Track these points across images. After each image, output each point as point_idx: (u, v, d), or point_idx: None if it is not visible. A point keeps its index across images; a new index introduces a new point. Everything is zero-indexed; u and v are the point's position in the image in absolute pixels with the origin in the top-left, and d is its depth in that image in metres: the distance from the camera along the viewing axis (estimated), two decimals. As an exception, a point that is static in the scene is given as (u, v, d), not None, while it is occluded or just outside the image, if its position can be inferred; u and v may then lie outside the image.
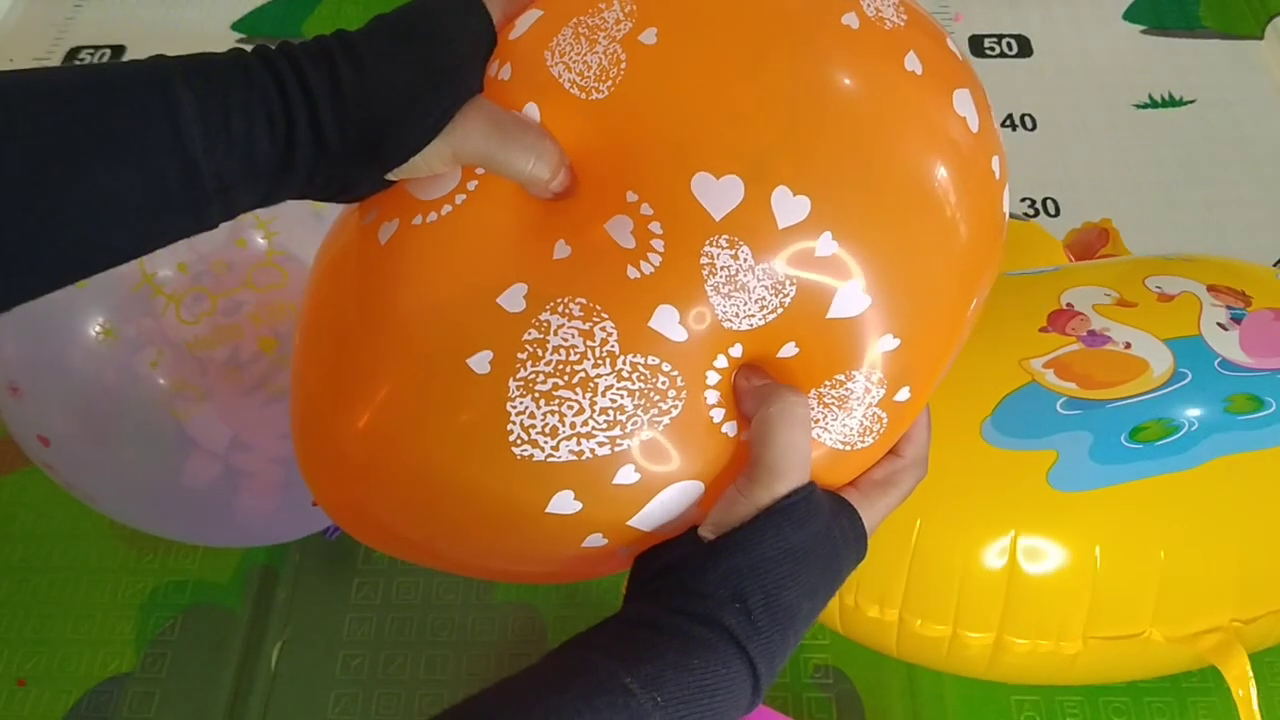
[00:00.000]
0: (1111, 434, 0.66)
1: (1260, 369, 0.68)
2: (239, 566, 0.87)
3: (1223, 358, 0.69)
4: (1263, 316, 0.71)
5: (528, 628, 0.82)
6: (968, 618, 0.67)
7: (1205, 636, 0.66)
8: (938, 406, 0.67)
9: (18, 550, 0.89)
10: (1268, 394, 0.67)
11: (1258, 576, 0.66)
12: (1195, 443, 0.66)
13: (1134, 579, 0.65)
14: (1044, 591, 0.65)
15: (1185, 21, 1.31)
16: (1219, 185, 1.13)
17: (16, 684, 0.81)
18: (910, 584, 0.67)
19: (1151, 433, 0.66)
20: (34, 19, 1.38)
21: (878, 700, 0.78)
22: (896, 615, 0.68)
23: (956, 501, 0.66)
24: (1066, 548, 0.65)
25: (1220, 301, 0.72)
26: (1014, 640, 0.67)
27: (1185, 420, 0.66)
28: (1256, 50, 1.27)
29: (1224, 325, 0.70)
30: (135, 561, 0.88)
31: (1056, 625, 0.66)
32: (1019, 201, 1.12)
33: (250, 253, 0.71)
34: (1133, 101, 1.22)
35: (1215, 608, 0.66)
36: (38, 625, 0.84)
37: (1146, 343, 0.69)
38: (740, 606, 0.42)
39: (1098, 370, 0.68)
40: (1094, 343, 0.70)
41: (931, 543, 0.66)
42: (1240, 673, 0.65)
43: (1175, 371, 0.68)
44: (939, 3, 1.35)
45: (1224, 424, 0.66)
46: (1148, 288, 0.74)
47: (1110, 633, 0.66)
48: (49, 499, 0.92)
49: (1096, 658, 0.68)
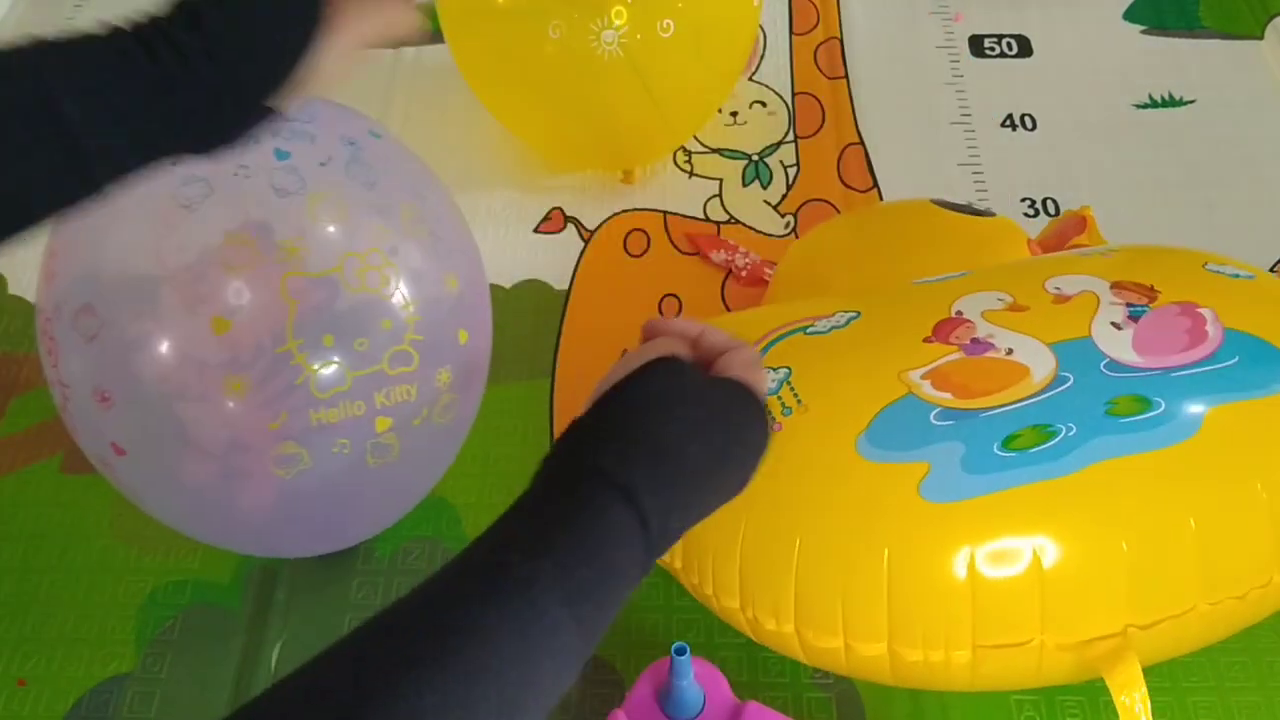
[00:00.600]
0: (984, 443, 0.66)
1: (1151, 368, 0.68)
2: (239, 566, 0.87)
3: (1110, 359, 0.68)
4: (1166, 312, 0.70)
5: (528, 628, 0.82)
6: (856, 630, 0.67)
7: (1098, 643, 0.66)
8: (817, 423, 0.68)
9: (18, 550, 0.89)
10: (1156, 394, 0.67)
11: (1152, 581, 0.66)
12: (1073, 448, 0.65)
13: (1015, 587, 0.65)
14: (925, 602, 0.66)
15: (1185, 21, 1.31)
16: (1219, 185, 1.13)
17: (17, 684, 0.81)
18: (799, 597, 0.68)
19: (1025, 440, 0.66)
20: (34, 19, 1.38)
21: (878, 700, 0.78)
22: (793, 628, 0.69)
23: (833, 516, 0.67)
24: (941, 559, 0.65)
25: (1121, 299, 0.71)
26: (906, 650, 0.67)
27: (1062, 425, 0.66)
28: (1256, 50, 1.27)
29: (1118, 324, 0.70)
30: (135, 561, 0.87)
31: (943, 635, 0.66)
32: (1019, 201, 1.12)
33: (390, 334, 0.69)
34: (1133, 101, 1.22)
35: (1107, 613, 0.66)
36: (38, 625, 0.84)
37: (1030, 348, 0.69)
38: (614, 450, 0.44)
39: (975, 379, 0.68)
40: (975, 351, 0.69)
41: (812, 559, 0.67)
42: (1126, 680, 0.65)
43: (1057, 376, 0.67)
44: (939, 3, 1.35)
45: (1105, 427, 0.66)
46: (1045, 290, 0.73)
47: (999, 641, 0.66)
48: (49, 499, 0.92)
49: (995, 666, 0.68)
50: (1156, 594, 0.66)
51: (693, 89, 1.06)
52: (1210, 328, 0.69)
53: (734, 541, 0.69)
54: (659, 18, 0.96)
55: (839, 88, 1.25)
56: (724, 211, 1.12)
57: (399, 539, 0.87)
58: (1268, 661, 0.78)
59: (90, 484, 0.92)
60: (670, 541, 0.45)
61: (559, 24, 0.95)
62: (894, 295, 0.79)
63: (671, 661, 0.65)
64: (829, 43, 1.31)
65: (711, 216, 1.12)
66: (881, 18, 1.34)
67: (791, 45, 1.31)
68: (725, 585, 0.70)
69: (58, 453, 0.95)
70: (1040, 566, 0.65)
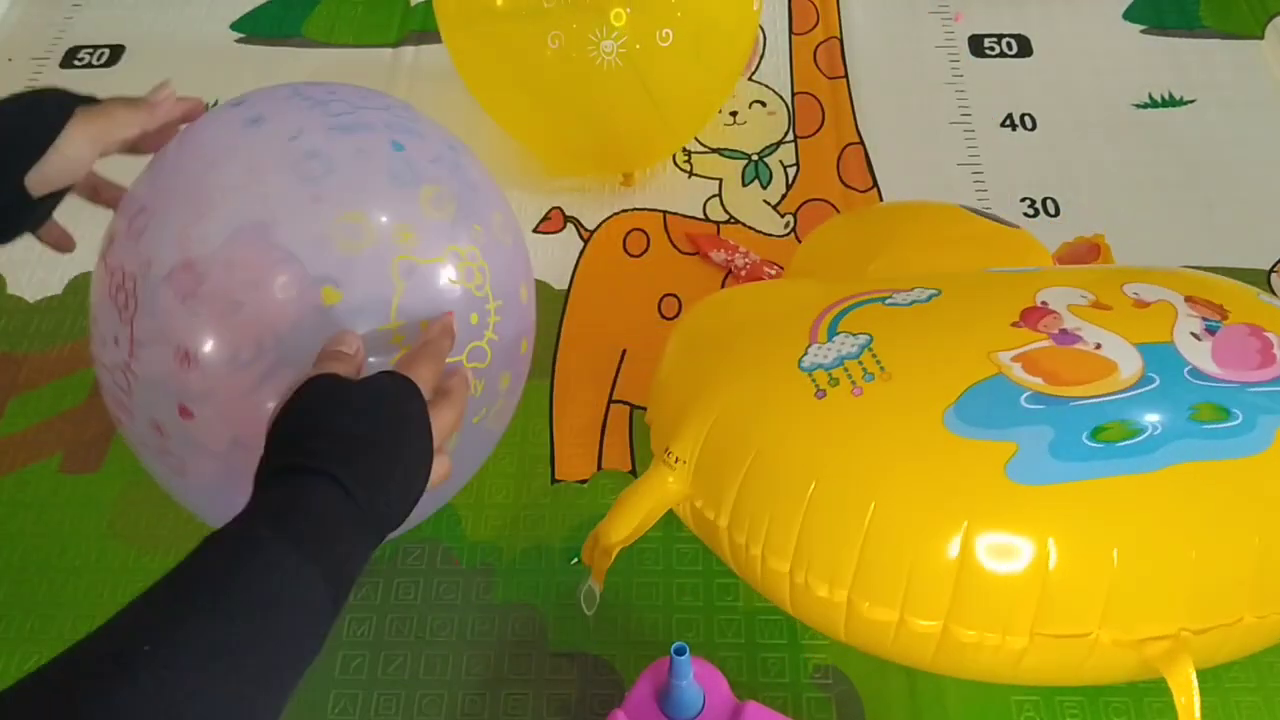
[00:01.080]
0: (1073, 431, 0.66)
1: (1229, 381, 0.68)
2: (239, 566, 0.87)
3: (1193, 366, 0.69)
4: (1238, 330, 0.72)
5: (528, 628, 0.82)
6: (916, 604, 0.67)
7: (1153, 643, 0.66)
8: (902, 393, 0.68)
9: (18, 550, 0.89)
10: (1234, 406, 0.67)
11: (1211, 587, 0.66)
12: (1157, 447, 0.66)
13: (1085, 578, 0.65)
14: (993, 583, 0.66)
15: (1185, 21, 1.31)
16: (1219, 185, 1.13)
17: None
18: (861, 565, 0.68)
19: (1113, 433, 0.66)
20: (33, 19, 1.38)
21: (878, 700, 0.78)
22: (845, 596, 0.69)
23: (912, 486, 0.67)
24: (1019, 541, 0.65)
25: (1196, 312, 0.72)
26: (961, 630, 0.67)
27: (1148, 424, 0.66)
28: (1256, 50, 1.27)
29: (1197, 335, 0.71)
30: (135, 561, 0.87)
31: (1004, 618, 0.66)
32: (1018, 201, 1.12)
33: (473, 330, 0.70)
34: (1133, 101, 1.22)
35: (1165, 615, 0.66)
36: (37, 625, 0.84)
37: (1117, 345, 0.70)
38: (303, 447, 0.53)
39: (1065, 368, 0.68)
40: (1064, 341, 0.70)
41: (885, 525, 0.67)
42: (1184, 681, 0.65)
43: (1144, 375, 0.68)
44: (939, 2, 1.35)
45: (1188, 431, 0.66)
46: (1124, 293, 0.74)
47: (1058, 630, 0.66)
48: (49, 499, 0.92)
49: (1043, 656, 0.68)
50: (1212, 601, 0.67)
51: (693, 93, 1.06)
52: (1278, 351, 0.71)
53: (799, 502, 0.68)
54: (658, 27, 0.96)
55: (839, 87, 1.25)
56: (724, 211, 1.12)
57: (398, 539, 0.87)
58: (1268, 662, 0.78)
59: (90, 484, 0.93)
60: (389, 506, 0.55)
61: (558, 34, 0.95)
62: (974, 279, 0.80)
63: (671, 661, 0.65)
64: (829, 42, 1.31)
65: (711, 216, 1.12)
66: (881, 17, 1.34)
67: (791, 45, 1.31)
68: (777, 546, 0.70)
69: (57, 453, 0.95)
70: (1111, 560, 0.65)
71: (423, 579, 0.85)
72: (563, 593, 0.84)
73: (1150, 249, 1.05)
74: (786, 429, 0.71)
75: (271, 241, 0.65)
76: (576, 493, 0.91)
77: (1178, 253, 1.05)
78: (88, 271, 1.08)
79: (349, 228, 0.65)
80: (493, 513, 0.89)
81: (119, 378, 0.69)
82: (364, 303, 0.65)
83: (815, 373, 0.71)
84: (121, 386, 0.69)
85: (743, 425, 0.72)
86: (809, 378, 0.71)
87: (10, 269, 1.10)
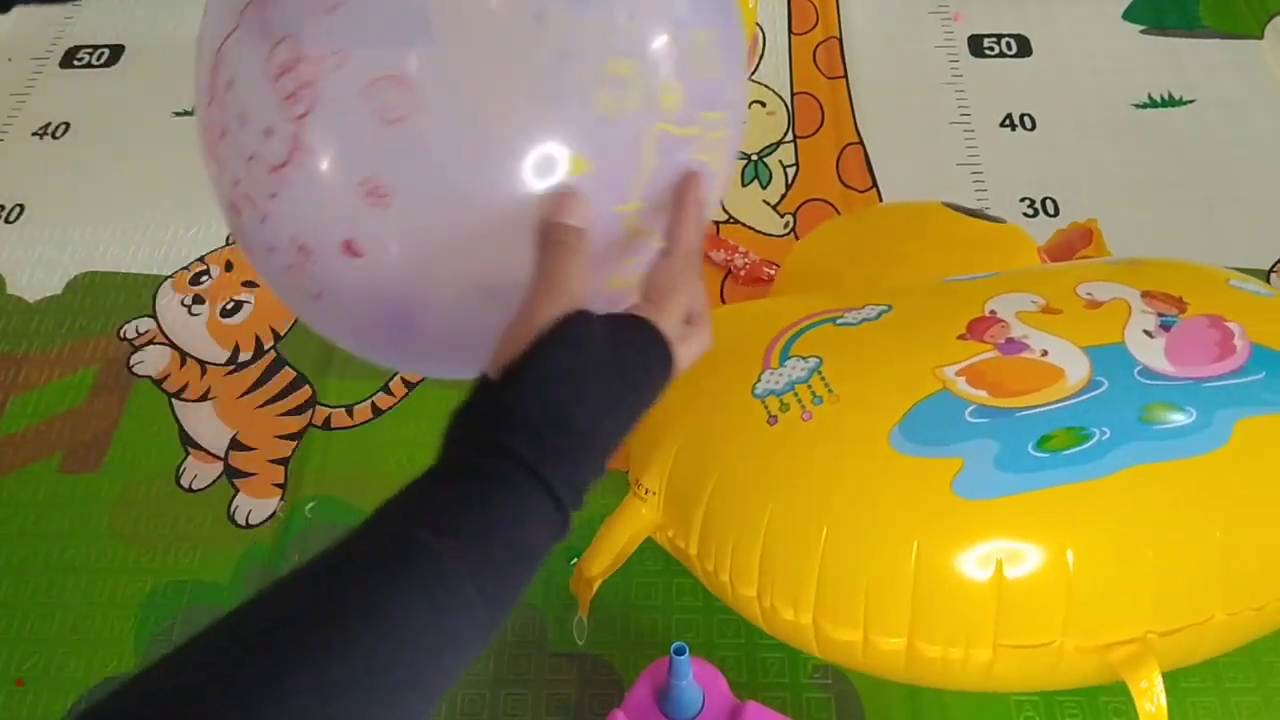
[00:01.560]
0: (1018, 442, 0.66)
1: (1183, 378, 0.68)
2: (239, 567, 0.87)
3: (1144, 366, 0.68)
4: (1195, 324, 0.71)
5: (527, 628, 0.82)
6: (878, 623, 0.67)
7: (1118, 648, 0.66)
8: (849, 415, 0.68)
9: (17, 550, 0.89)
10: (1188, 403, 0.67)
11: (1174, 587, 0.66)
12: (1106, 452, 0.65)
13: (1041, 588, 0.65)
14: (951, 598, 0.66)
15: (1185, 21, 1.31)
16: (1218, 185, 1.13)
17: (15, 684, 0.81)
18: (820, 588, 0.68)
19: (1060, 441, 0.66)
20: (33, 19, 1.38)
21: (877, 700, 0.78)
22: (810, 618, 0.69)
23: (862, 508, 0.67)
24: (970, 555, 0.65)
25: (1152, 309, 0.72)
26: (926, 646, 0.67)
27: (1096, 429, 0.66)
28: (1256, 50, 1.27)
29: (1150, 333, 0.70)
30: (134, 561, 0.87)
31: (965, 632, 0.66)
32: (1018, 201, 1.12)
33: None
34: (1132, 101, 1.22)
35: (1129, 618, 0.66)
36: (37, 625, 0.84)
37: (1064, 350, 0.69)
38: (525, 431, 0.44)
39: (1010, 378, 0.68)
40: (1010, 350, 0.70)
41: (839, 548, 0.67)
42: (1149, 686, 0.65)
43: (1091, 380, 0.68)
44: (939, 2, 1.35)
45: (1138, 433, 0.66)
46: (1078, 295, 0.74)
47: (1020, 641, 0.67)
48: (48, 499, 0.92)
49: (1011, 666, 0.68)
50: (1178, 602, 0.66)
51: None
52: (1238, 341, 0.70)
53: (757, 529, 0.69)
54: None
55: (838, 87, 1.25)
56: (723, 211, 1.12)
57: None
58: (1268, 661, 0.78)
59: (90, 484, 0.93)
60: (580, 506, 0.46)
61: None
62: (925, 291, 0.80)
63: (670, 661, 0.65)
64: (828, 42, 1.31)
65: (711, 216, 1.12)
66: (881, 17, 1.34)
67: (790, 45, 1.31)
68: (743, 572, 0.70)
69: (57, 453, 0.95)
70: (1067, 568, 0.65)
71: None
72: (563, 593, 0.83)
73: (1150, 249, 1.05)
74: (740, 456, 0.71)
75: (528, 77, 0.50)
76: (576, 493, 0.90)
77: (1177, 253, 1.04)
78: (88, 272, 1.08)
79: (614, 81, 0.51)
80: (492, 513, 0.89)
81: (258, 171, 0.54)
82: (611, 174, 0.52)
83: (768, 399, 0.71)
84: (258, 182, 0.55)
85: (701, 455, 0.72)
86: (762, 404, 0.71)
87: (10, 269, 1.10)
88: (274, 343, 1.02)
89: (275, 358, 1.01)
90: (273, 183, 0.54)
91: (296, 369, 1.00)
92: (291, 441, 0.95)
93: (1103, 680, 0.71)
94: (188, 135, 1.41)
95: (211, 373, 1.00)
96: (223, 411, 0.97)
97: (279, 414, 0.97)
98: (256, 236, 0.58)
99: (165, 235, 1.11)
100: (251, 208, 0.56)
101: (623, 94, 0.51)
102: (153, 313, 1.05)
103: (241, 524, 0.90)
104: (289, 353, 1.01)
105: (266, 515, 0.90)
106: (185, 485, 0.92)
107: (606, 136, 0.51)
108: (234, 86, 0.54)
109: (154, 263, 1.09)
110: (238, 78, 0.54)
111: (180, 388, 0.99)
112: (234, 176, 0.56)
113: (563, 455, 0.45)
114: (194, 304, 1.05)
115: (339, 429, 0.95)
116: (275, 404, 0.97)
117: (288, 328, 1.02)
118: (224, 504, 0.91)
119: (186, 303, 1.05)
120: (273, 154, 0.53)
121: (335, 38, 0.50)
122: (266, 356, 1.01)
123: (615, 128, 0.51)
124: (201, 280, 1.07)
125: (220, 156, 0.57)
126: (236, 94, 0.54)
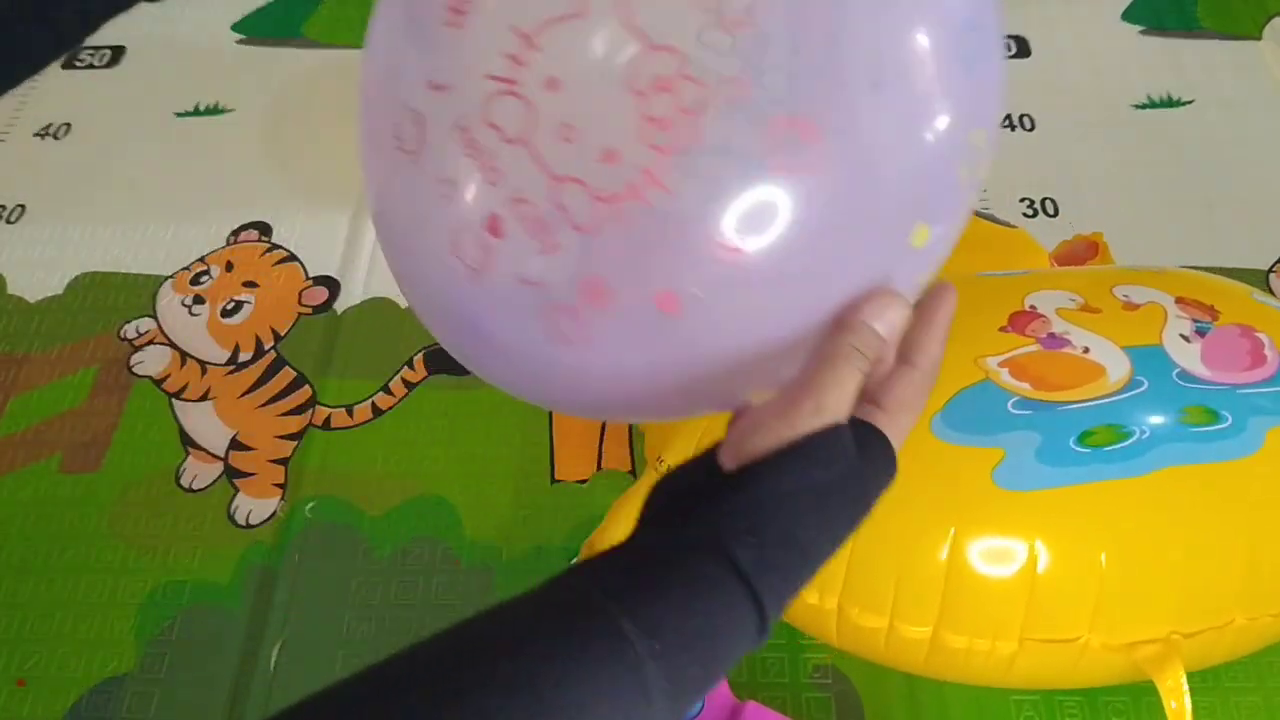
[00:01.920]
0: (1060, 436, 0.66)
1: (1219, 383, 0.68)
2: (239, 566, 0.87)
3: (1182, 369, 0.69)
4: (1228, 331, 0.71)
5: (527, 627, 0.82)
6: (905, 610, 0.67)
7: (1142, 646, 0.66)
8: None
9: (18, 550, 0.89)
10: (1224, 408, 0.67)
11: (1199, 590, 0.66)
12: (1145, 451, 0.66)
13: (1073, 583, 0.65)
14: (982, 589, 0.66)
15: (1183, 22, 1.31)
16: (1218, 185, 1.13)
17: (16, 684, 0.81)
18: (849, 573, 0.68)
19: (1100, 438, 0.66)
20: (33, 20, 1.38)
21: (878, 700, 0.78)
22: (835, 603, 0.69)
23: (899, 494, 0.65)
24: (1007, 546, 0.65)
25: (1186, 314, 0.72)
26: (951, 636, 0.67)
27: (1136, 428, 0.66)
28: (1255, 50, 1.27)
29: (1187, 337, 0.70)
30: (134, 561, 0.88)
31: (993, 624, 0.66)
32: (1018, 201, 1.12)
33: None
34: (1131, 102, 1.22)
35: (1155, 618, 0.66)
36: (37, 625, 0.84)
37: (1105, 349, 0.69)
38: (755, 541, 0.40)
39: (1052, 372, 0.68)
40: (1052, 345, 0.70)
41: (872, 533, 0.66)
42: (1175, 685, 0.65)
43: (1132, 379, 0.68)
44: (938, 3, 1.35)
45: (1176, 434, 0.66)
46: (1114, 295, 0.74)
47: (1047, 635, 0.66)
48: (48, 499, 0.92)
49: (1034, 661, 0.68)
50: (1202, 604, 0.67)
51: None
52: (1268, 352, 0.70)
53: None
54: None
55: (838, 88, 1.25)
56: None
57: (398, 539, 0.88)
58: (1268, 661, 0.78)
59: (90, 484, 0.93)
60: (780, 619, 0.43)
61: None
62: (963, 282, 0.80)
63: (671, 661, 0.65)
64: (828, 43, 1.31)
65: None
66: (881, 18, 1.34)
67: (791, 45, 1.30)
68: None
69: (57, 453, 0.95)
70: (1099, 564, 0.65)
71: (423, 579, 0.85)
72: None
73: (1149, 249, 1.05)
74: None
75: None
76: (576, 493, 0.91)
77: (1177, 253, 1.05)
78: (88, 272, 1.08)
79: (974, 150, 0.47)
80: (493, 513, 0.89)
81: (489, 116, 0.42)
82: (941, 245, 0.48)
83: None
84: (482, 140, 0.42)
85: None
86: None
87: (10, 269, 1.10)
88: (274, 343, 1.02)
89: (275, 358, 1.01)
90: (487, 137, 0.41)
91: (296, 369, 1.00)
92: (291, 441, 0.95)
93: (1119, 679, 0.71)
94: (188, 136, 1.41)
95: (211, 373, 1.00)
96: (223, 411, 0.97)
97: (279, 414, 0.97)
98: (426, 202, 0.45)
99: (165, 235, 1.11)
100: (417, 157, 0.44)
101: (976, 163, 0.47)
102: (153, 313, 1.05)
103: (241, 524, 0.90)
104: (289, 353, 1.01)
105: (267, 515, 0.90)
106: (185, 485, 0.92)
107: (956, 202, 0.47)
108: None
109: (154, 263, 1.09)
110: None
111: (180, 388, 0.99)
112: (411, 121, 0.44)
113: (781, 571, 0.41)
114: (194, 304, 1.05)
115: (339, 429, 0.96)
116: (275, 404, 0.98)
117: (288, 328, 1.03)
118: (224, 504, 0.91)
119: (187, 303, 1.05)
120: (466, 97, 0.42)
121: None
122: (266, 356, 1.01)
123: (963, 194, 0.47)
124: (202, 280, 1.07)
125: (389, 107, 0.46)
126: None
